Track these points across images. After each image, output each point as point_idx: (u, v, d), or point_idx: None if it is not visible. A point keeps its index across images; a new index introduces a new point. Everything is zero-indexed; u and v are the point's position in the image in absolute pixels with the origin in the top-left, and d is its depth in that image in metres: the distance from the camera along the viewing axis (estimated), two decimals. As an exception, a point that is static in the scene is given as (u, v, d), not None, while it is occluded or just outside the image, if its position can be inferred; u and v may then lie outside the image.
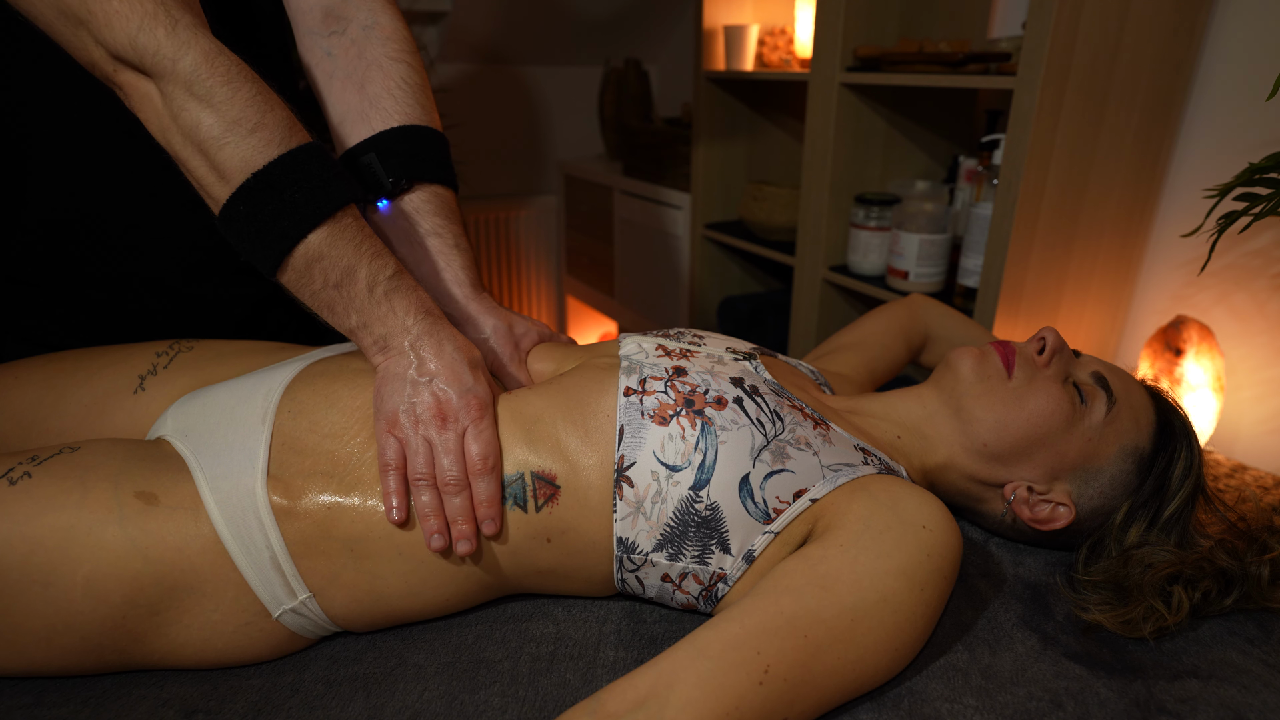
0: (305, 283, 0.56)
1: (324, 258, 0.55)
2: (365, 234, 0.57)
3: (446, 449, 0.56)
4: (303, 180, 0.54)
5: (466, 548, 0.56)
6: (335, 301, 0.57)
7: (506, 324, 0.70)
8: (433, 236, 0.70)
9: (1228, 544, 0.64)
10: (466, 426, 0.57)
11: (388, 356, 0.58)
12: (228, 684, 0.56)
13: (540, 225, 2.53)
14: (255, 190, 0.53)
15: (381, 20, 0.70)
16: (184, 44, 0.51)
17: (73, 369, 0.68)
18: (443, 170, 0.71)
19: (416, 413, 0.57)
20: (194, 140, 0.52)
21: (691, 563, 0.57)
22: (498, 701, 0.54)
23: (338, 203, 0.55)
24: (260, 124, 0.53)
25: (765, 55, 1.65)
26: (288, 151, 0.54)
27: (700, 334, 0.71)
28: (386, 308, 0.57)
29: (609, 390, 0.60)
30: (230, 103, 0.52)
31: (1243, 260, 1.08)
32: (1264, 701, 0.55)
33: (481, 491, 0.56)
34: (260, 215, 0.53)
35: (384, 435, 0.57)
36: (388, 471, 0.56)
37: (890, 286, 1.27)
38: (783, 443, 0.59)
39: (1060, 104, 0.97)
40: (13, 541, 0.50)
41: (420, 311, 0.58)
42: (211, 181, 0.54)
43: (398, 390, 0.57)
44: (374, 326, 0.57)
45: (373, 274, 0.57)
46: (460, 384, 0.58)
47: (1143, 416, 0.66)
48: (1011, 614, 0.63)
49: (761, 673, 0.46)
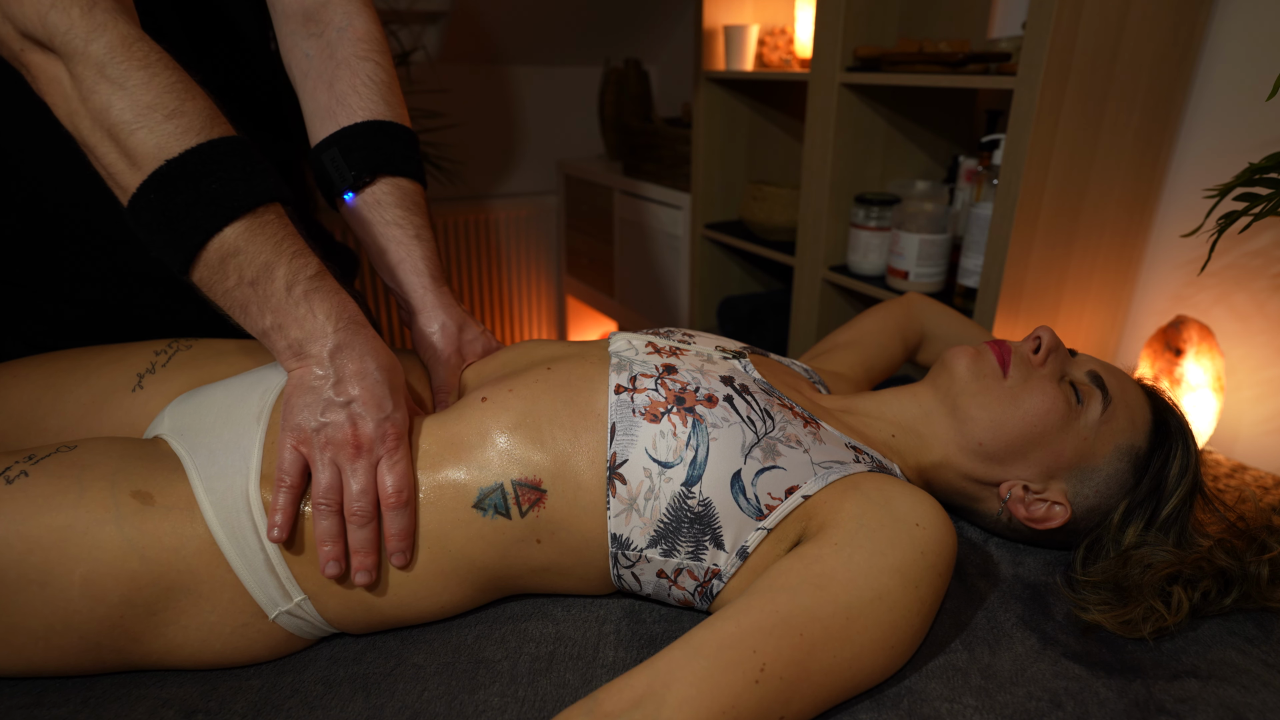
0: (218, 280, 0.53)
1: (240, 253, 0.52)
2: (289, 232, 0.54)
3: (357, 479, 0.54)
4: (221, 171, 0.51)
5: (366, 579, 0.55)
6: (249, 300, 0.53)
7: (457, 325, 0.70)
8: (393, 227, 0.70)
9: (1227, 544, 0.64)
10: (381, 457, 0.55)
11: (303, 364, 0.55)
12: (227, 684, 0.56)
13: (540, 225, 2.52)
14: (169, 178, 0.50)
15: (356, 23, 0.71)
16: (99, 25, 0.49)
17: (71, 368, 0.68)
18: (407, 164, 0.71)
19: (328, 434, 0.54)
20: (104, 124, 0.50)
21: (686, 558, 0.58)
22: (497, 701, 0.54)
23: (260, 198, 0.53)
24: (178, 111, 0.51)
25: (765, 55, 1.65)
26: (207, 141, 0.51)
27: (690, 333, 0.71)
28: (305, 309, 0.54)
29: (599, 388, 0.60)
30: (146, 87, 0.50)
31: (1243, 260, 1.08)
32: (1264, 701, 0.55)
33: (394, 525, 0.55)
34: (172, 205, 0.50)
35: (287, 448, 0.54)
36: (281, 486, 0.53)
37: (890, 286, 1.27)
38: (773, 440, 0.59)
39: (1060, 104, 0.97)
40: (10, 541, 0.50)
41: (342, 317, 0.55)
42: (121, 169, 0.51)
43: (311, 405, 0.54)
44: (290, 329, 0.54)
45: (292, 272, 0.54)
46: (379, 410, 0.55)
47: (1139, 415, 0.66)
48: (1011, 614, 0.63)
49: (757, 671, 0.46)
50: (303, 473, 0.54)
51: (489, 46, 2.20)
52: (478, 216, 2.40)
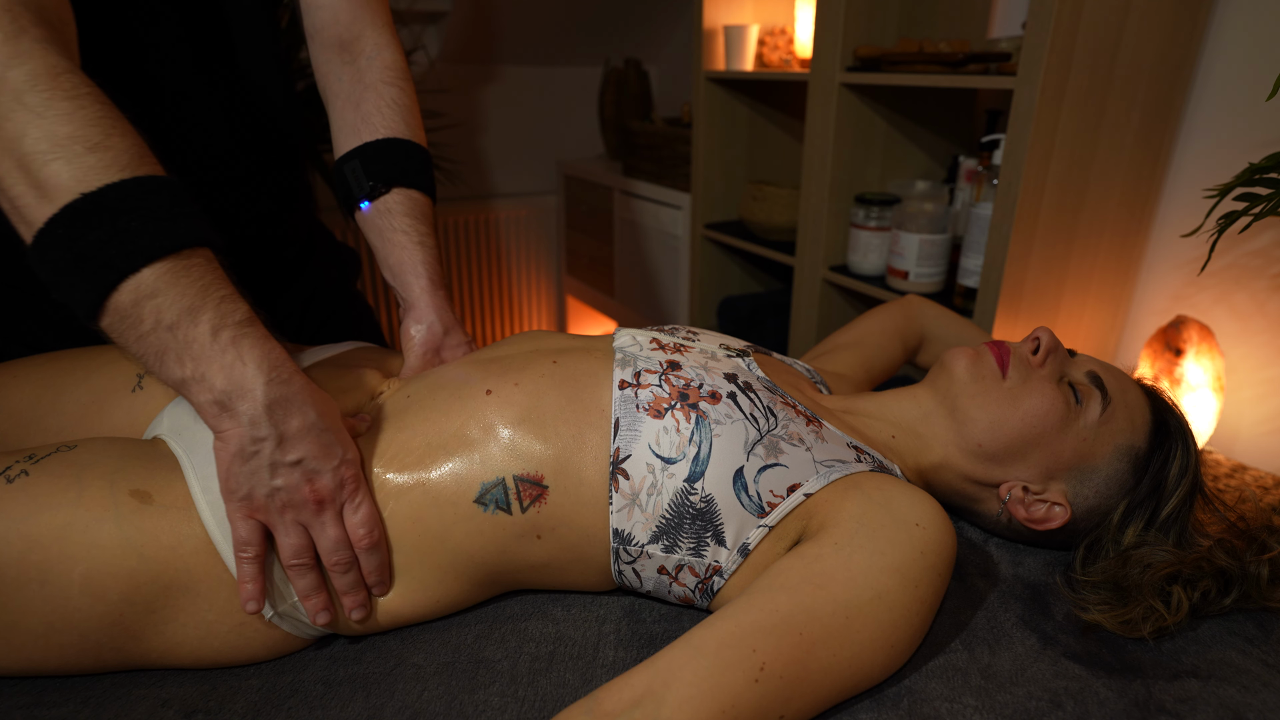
0: (131, 324, 0.48)
1: (159, 294, 0.47)
2: (217, 277, 0.50)
3: (328, 532, 0.53)
4: (144, 209, 0.47)
5: (361, 614, 0.55)
6: (166, 348, 0.48)
7: (444, 327, 0.72)
8: (400, 234, 0.73)
9: (1227, 544, 0.64)
10: (344, 503, 0.54)
11: (233, 424, 0.50)
12: (227, 684, 0.56)
13: (540, 225, 2.53)
14: (83, 212, 0.46)
15: (384, 54, 0.77)
16: (23, 53, 0.46)
17: (70, 367, 0.68)
18: (420, 178, 0.75)
19: (284, 498, 0.51)
20: (15, 153, 0.46)
21: (687, 555, 0.58)
22: (497, 701, 0.54)
23: (185, 240, 0.48)
24: (102, 145, 0.47)
25: (765, 55, 1.65)
26: (132, 178, 0.47)
27: (694, 330, 0.71)
28: (233, 355, 0.49)
29: (604, 383, 0.60)
30: (68, 118, 0.46)
31: (1243, 260, 1.08)
32: (1264, 701, 0.55)
33: (370, 563, 0.55)
34: (84, 241, 0.46)
35: (240, 519, 0.51)
36: (245, 556, 0.52)
37: (890, 286, 1.27)
38: (776, 438, 0.59)
39: (1060, 104, 0.97)
40: (10, 539, 0.50)
41: (274, 366, 0.50)
42: (29, 202, 0.46)
43: (255, 472, 0.50)
44: (214, 379, 0.49)
45: (219, 317, 0.49)
46: (331, 459, 0.52)
47: (1138, 416, 0.66)
48: (1011, 614, 0.63)
49: (757, 670, 0.46)
50: (264, 538, 0.52)
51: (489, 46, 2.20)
52: (478, 216, 2.40)
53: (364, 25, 0.76)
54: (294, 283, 0.88)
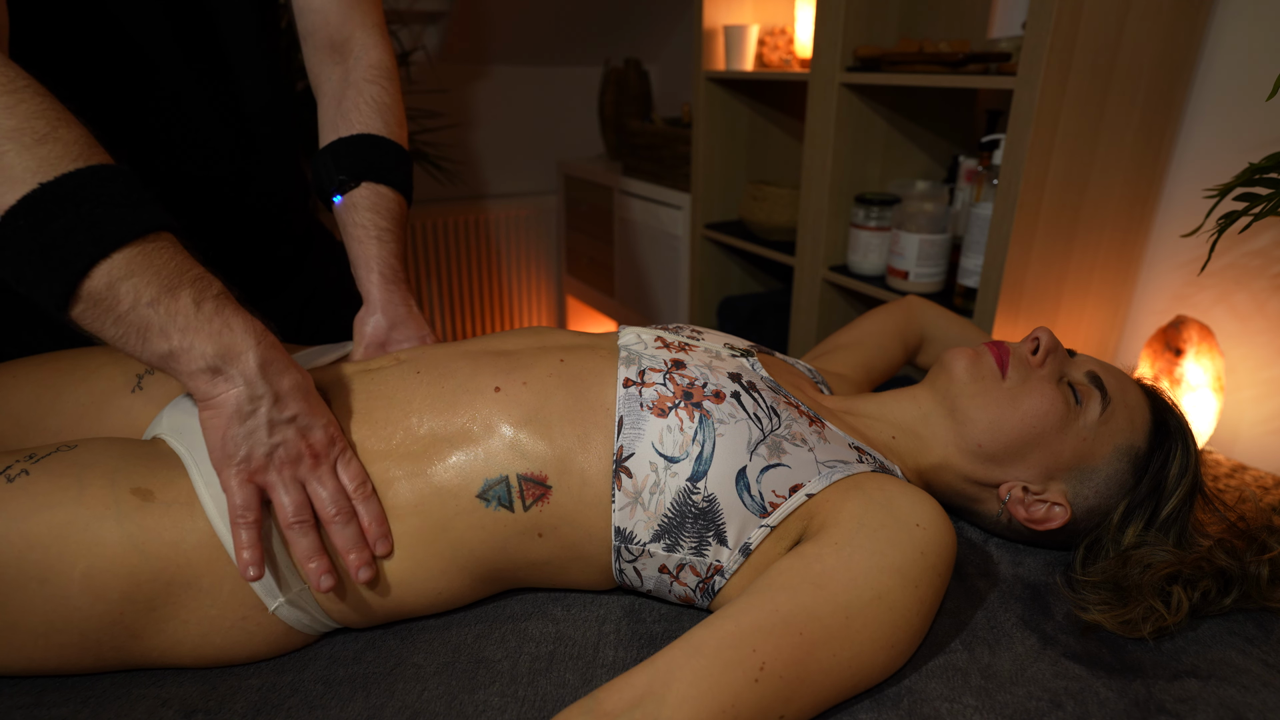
0: (108, 307, 0.47)
1: (135, 275, 0.47)
2: (187, 258, 0.51)
3: (326, 484, 0.54)
4: (105, 196, 0.47)
5: (368, 573, 0.55)
6: (149, 323, 0.48)
7: (388, 324, 0.73)
8: (359, 228, 0.74)
9: (1227, 544, 0.64)
10: (336, 458, 0.55)
11: (229, 386, 0.51)
12: (227, 684, 0.56)
13: (540, 225, 2.53)
14: (42, 202, 0.45)
15: (370, 54, 0.78)
16: None
17: (70, 368, 0.68)
18: (391, 174, 0.75)
19: (283, 454, 0.52)
20: None
21: (689, 554, 0.58)
22: (497, 701, 0.54)
23: (150, 224, 0.49)
24: (50, 136, 0.47)
25: (765, 55, 1.65)
26: (87, 166, 0.47)
27: (699, 330, 0.71)
28: (219, 323, 0.50)
29: (608, 381, 0.60)
30: (9, 111, 0.46)
31: (1243, 260, 1.08)
32: (1264, 701, 0.55)
33: (368, 515, 0.55)
34: (47, 231, 0.45)
35: (239, 484, 0.51)
36: (243, 523, 0.51)
37: (890, 286, 1.27)
38: (779, 438, 0.59)
39: (1060, 104, 0.97)
40: (10, 538, 0.50)
41: (259, 331, 0.52)
42: None
43: (253, 431, 0.51)
44: (203, 346, 0.49)
45: (198, 291, 0.50)
46: (322, 415, 0.55)
47: (1138, 416, 0.66)
48: (1011, 614, 0.63)
49: (757, 670, 0.46)
50: (261, 504, 0.53)
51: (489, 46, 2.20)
52: (477, 216, 2.40)
53: (354, 26, 0.77)
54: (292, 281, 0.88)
